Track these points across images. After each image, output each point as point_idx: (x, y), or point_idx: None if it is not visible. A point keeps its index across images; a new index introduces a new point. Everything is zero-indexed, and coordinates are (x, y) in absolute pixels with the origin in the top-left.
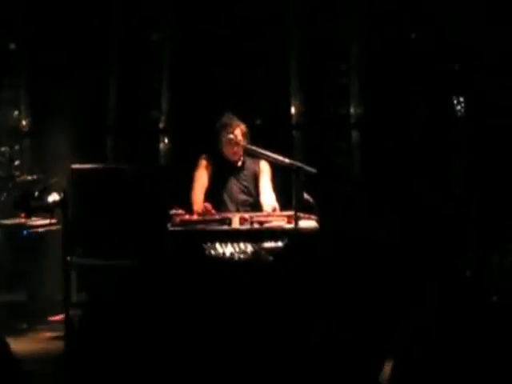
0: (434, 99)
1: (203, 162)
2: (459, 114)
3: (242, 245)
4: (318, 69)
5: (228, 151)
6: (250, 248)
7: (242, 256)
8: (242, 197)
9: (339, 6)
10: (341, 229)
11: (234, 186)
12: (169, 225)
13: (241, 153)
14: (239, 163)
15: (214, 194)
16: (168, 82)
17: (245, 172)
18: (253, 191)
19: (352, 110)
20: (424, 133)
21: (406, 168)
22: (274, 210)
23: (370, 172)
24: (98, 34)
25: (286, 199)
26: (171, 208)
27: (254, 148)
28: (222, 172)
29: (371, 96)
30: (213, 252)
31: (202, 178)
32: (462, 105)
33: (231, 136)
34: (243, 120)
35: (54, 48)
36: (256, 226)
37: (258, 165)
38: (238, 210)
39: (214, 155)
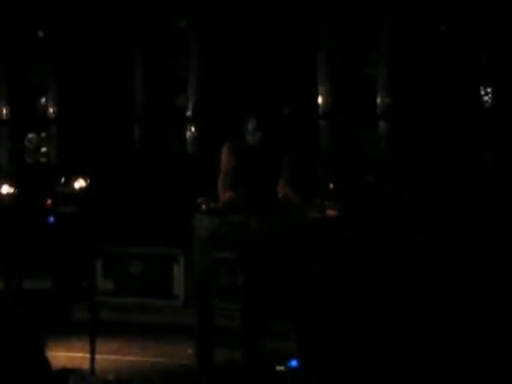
0: (461, 90)
1: (227, 150)
2: (487, 104)
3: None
4: (345, 59)
5: (252, 140)
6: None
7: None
8: (264, 186)
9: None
10: (364, 217)
11: (257, 174)
12: (195, 213)
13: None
14: (261, 151)
15: (239, 182)
16: (195, 69)
17: (267, 160)
18: (274, 181)
19: (379, 101)
20: (451, 123)
21: (433, 159)
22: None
23: (396, 162)
24: (125, 21)
25: (311, 188)
26: (198, 196)
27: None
28: (246, 160)
29: (398, 86)
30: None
31: (225, 166)
32: (490, 95)
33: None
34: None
35: (81, 36)
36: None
37: (279, 155)
38: (261, 199)
39: (235, 142)
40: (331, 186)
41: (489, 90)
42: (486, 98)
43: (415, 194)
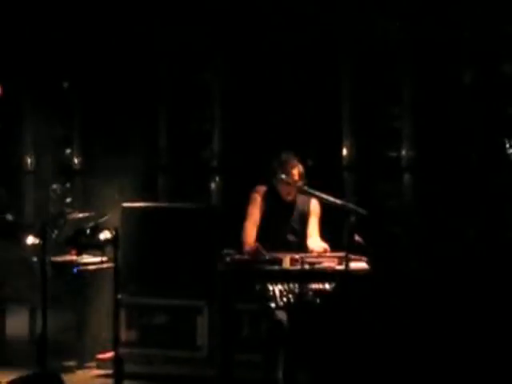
0: (486, 142)
1: (256, 197)
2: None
3: (291, 285)
4: (370, 111)
5: (283, 190)
6: (298, 289)
7: (290, 297)
8: (290, 237)
9: (390, 48)
10: (392, 271)
11: (283, 225)
12: (220, 264)
13: (295, 193)
14: (291, 201)
15: (264, 232)
16: (219, 121)
17: (295, 212)
18: (300, 233)
19: (404, 153)
20: (475, 176)
21: (458, 211)
22: (325, 251)
23: (421, 215)
24: (150, 72)
25: (336, 240)
26: (222, 248)
27: (308, 189)
28: (274, 210)
29: (423, 139)
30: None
31: (254, 215)
32: None
33: (287, 176)
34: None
35: (106, 87)
36: (307, 266)
37: (309, 205)
38: (284, 251)
39: (267, 189)
40: (357, 238)
41: None
42: (511, 150)
43: (441, 245)
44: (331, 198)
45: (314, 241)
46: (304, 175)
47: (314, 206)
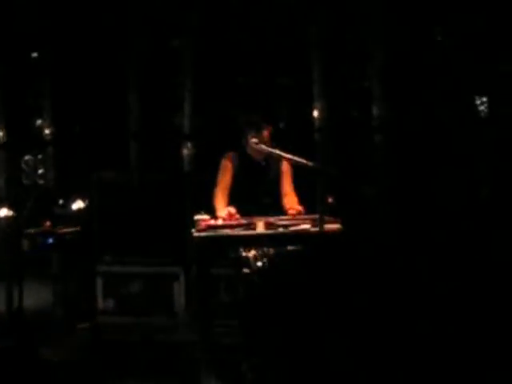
0: (456, 100)
1: (226, 164)
2: (482, 114)
3: (265, 249)
4: (340, 72)
5: (253, 152)
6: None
7: (264, 261)
8: (265, 200)
9: (361, 8)
10: (363, 231)
11: (256, 188)
12: (193, 230)
13: (265, 154)
14: (263, 163)
15: (237, 196)
16: (190, 87)
17: (267, 174)
18: (275, 194)
19: (374, 113)
20: (447, 134)
21: (429, 170)
22: (299, 213)
23: (392, 174)
24: (119, 39)
25: (309, 202)
26: (196, 214)
27: (278, 152)
28: (245, 173)
29: (393, 98)
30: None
31: (223, 182)
32: (485, 105)
33: (256, 139)
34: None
35: (76, 55)
36: (281, 230)
37: (280, 166)
38: (260, 213)
39: (237, 153)
40: (330, 200)
41: (484, 99)
42: (482, 107)
43: (413, 205)
44: (303, 160)
45: (290, 200)
46: (273, 137)
47: (286, 166)
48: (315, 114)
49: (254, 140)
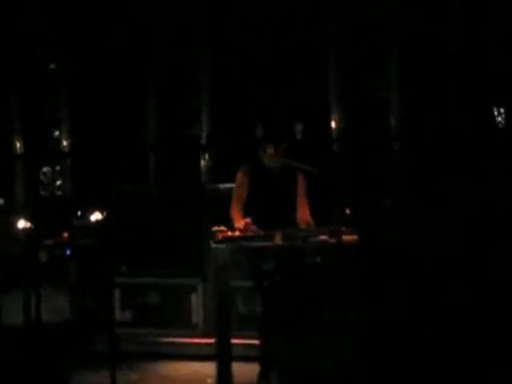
0: (474, 110)
1: (242, 176)
2: (500, 125)
3: (283, 261)
4: (357, 83)
5: (269, 163)
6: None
7: (283, 272)
8: (281, 211)
9: (378, 19)
10: (381, 241)
11: (272, 199)
12: (211, 242)
13: (281, 165)
14: (278, 175)
15: (253, 208)
16: (207, 98)
17: (283, 185)
18: (291, 205)
19: (392, 123)
20: (464, 144)
21: (446, 180)
22: (308, 225)
23: (410, 184)
24: (137, 51)
25: (326, 213)
26: (213, 225)
27: (294, 163)
28: (261, 185)
29: (411, 108)
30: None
31: (240, 194)
32: (503, 116)
33: (272, 151)
34: (285, 135)
35: (94, 68)
36: (299, 241)
37: (296, 179)
38: (276, 225)
39: (253, 166)
40: (347, 211)
41: (502, 110)
42: (499, 118)
43: (432, 215)
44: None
45: (302, 214)
46: (288, 151)
47: (301, 178)
48: (333, 124)
49: (270, 151)
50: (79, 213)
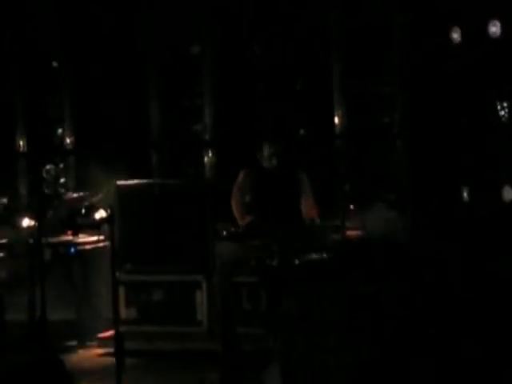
0: (477, 104)
1: (242, 177)
2: (503, 119)
3: (288, 257)
4: (360, 79)
5: (268, 164)
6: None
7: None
8: (284, 207)
9: (380, 14)
10: (386, 237)
11: (273, 199)
12: (215, 238)
13: (280, 165)
14: (278, 175)
15: (255, 208)
16: (210, 95)
17: (284, 185)
18: (291, 204)
19: (395, 119)
20: (468, 138)
21: (450, 175)
22: (314, 221)
23: (414, 181)
24: (138, 49)
25: (330, 210)
26: (217, 222)
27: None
28: (262, 186)
29: (414, 104)
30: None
31: (240, 193)
32: (506, 110)
33: (271, 152)
34: (287, 129)
35: (96, 65)
36: (303, 237)
37: (298, 175)
38: (280, 221)
39: (253, 168)
40: (351, 207)
41: (505, 104)
42: (503, 112)
43: (434, 211)
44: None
45: (309, 211)
46: (286, 151)
47: (303, 176)
48: (336, 120)
49: (267, 153)
50: (83, 211)
